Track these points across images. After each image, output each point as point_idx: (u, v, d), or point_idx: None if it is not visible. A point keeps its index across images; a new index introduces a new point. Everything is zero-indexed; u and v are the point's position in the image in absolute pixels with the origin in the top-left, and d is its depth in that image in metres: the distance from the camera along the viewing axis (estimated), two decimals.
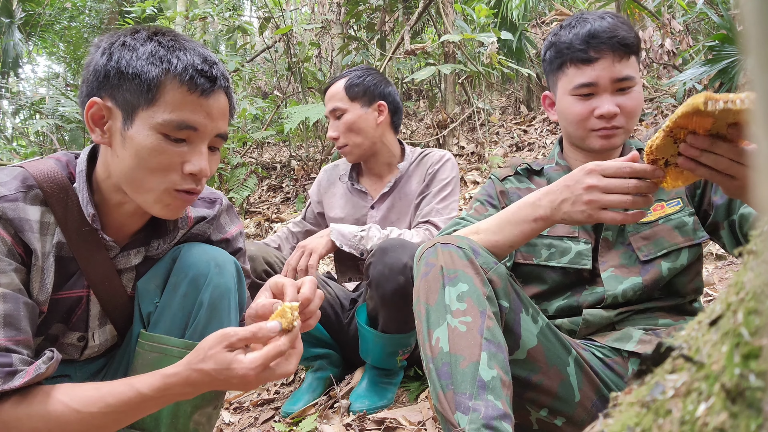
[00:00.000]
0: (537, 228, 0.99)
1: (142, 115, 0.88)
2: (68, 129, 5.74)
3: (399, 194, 1.85)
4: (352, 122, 1.78)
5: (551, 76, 1.24)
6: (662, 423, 0.33)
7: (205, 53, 0.92)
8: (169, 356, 0.97)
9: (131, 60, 0.87)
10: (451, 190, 1.78)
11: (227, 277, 1.04)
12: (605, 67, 1.13)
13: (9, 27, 7.38)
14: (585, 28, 1.14)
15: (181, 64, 0.87)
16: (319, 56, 6.12)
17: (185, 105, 0.88)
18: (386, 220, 1.85)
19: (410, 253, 1.50)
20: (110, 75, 0.88)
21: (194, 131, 0.90)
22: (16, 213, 0.87)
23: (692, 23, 5.47)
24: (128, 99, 0.88)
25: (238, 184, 4.46)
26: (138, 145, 0.88)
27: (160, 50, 0.88)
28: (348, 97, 1.80)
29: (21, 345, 0.84)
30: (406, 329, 1.59)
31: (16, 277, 0.85)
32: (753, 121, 0.23)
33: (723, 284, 2.14)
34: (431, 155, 1.87)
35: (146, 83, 0.86)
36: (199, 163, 0.91)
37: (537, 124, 5.54)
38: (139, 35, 0.90)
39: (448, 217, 1.73)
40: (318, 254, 1.56)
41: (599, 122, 1.14)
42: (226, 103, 0.95)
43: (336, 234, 1.60)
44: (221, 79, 0.92)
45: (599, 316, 1.13)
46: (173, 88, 0.87)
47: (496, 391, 0.83)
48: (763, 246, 0.33)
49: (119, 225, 1.00)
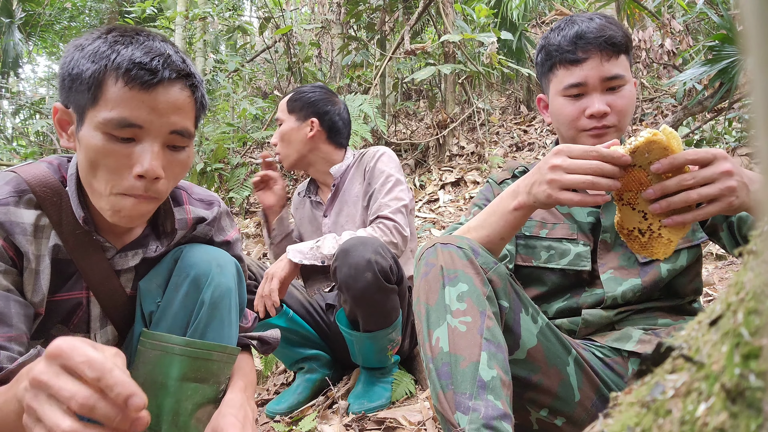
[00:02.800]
0: (519, 216, 0.97)
1: (89, 116, 0.85)
2: None
3: (343, 197, 1.89)
4: (284, 133, 1.87)
5: (543, 79, 1.25)
6: (662, 423, 0.33)
7: (155, 46, 0.86)
8: (171, 354, 0.98)
9: (76, 60, 0.85)
10: (393, 180, 1.79)
11: (228, 277, 1.05)
12: (593, 67, 1.14)
13: (9, 27, 7.38)
14: (573, 30, 1.16)
15: (119, 59, 0.83)
16: (319, 56, 6.12)
17: (125, 101, 0.83)
18: (337, 225, 1.88)
19: (372, 249, 1.51)
20: (65, 79, 0.87)
21: (140, 129, 0.85)
22: (7, 217, 0.87)
23: (692, 23, 5.47)
24: (78, 100, 0.86)
25: (238, 184, 4.46)
26: (86, 147, 0.85)
27: (101, 47, 0.84)
28: (287, 109, 1.89)
29: (13, 342, 0.84)
30: (387, 323, 1.60)
31: (3, 279, 0.86)
32: (753, 121, 0.23)
33: (723, 284, 2.14)
34: (367, 153, 1.91)
35: (87, 82, 0.83)
36: (145, 163, 0.85)
37: (537, 124, 5.55)
38: (92, 35, 0.88)
39: (397, 207, 1.73)
40: (278, 278, 1.58)
41: (590, 122, 1.15)
42: (180, 96, 0.88)
43: (292, 253, 1.63)
44: (166, 71, 0.85)
45: (598, 315, 1.14)
46: (111, 84, 0.83)
47: (496, 391, 0.83)
48: (763, 246, 0.33)
49: (114, 226, 1.00)
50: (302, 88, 1.93)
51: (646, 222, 0.91)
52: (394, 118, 5.60)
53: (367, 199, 1.82)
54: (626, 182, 0.89)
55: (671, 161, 0.86)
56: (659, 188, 0.87)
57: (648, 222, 0.91)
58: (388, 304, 1.56)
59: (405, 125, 6.06)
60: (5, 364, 0.81)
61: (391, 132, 5.48)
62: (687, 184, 0.85)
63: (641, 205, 0.91)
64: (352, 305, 1.55)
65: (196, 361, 0.99)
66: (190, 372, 0.99)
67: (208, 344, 1.00)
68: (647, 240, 0.92)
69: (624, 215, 0.92)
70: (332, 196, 1.90)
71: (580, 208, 1.23)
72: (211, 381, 1.01)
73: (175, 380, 0.98)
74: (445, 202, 3.96)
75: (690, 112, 3.86)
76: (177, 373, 0.98)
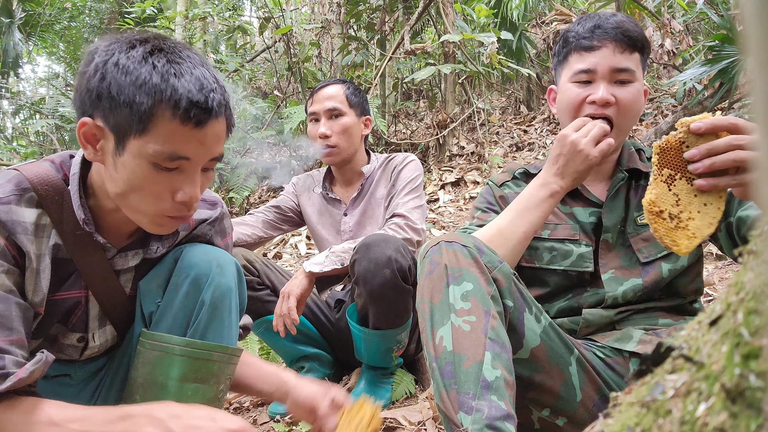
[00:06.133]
0: (553, 204, 1.09)
1: (133, 143, 0.85)
2: (68, 129, 5.74)
3: (369, 199, 1.88)
4: (348, 126, 1.84)
5: (558, 69, 1.25)
6: (662, 423, 0.33)
7: (204, 76, 0.87)
8: (171, 354, 0.98)
9: (123, 85, 0.83)
10: (415, 186, 1.82)
11: (228, 277, 1.05)
12: (605, 56, 1.14)
13: (9, 27, 7.38)
14: (593, 22, 1.17)
15: (176, 95, 0.83)
16: (319, 56, 6.12)
17: (178, 136, 0.85)
18: (360, 225, 1.87)
19: (394, 247, 1.51)
20: (102, 97, 0.84)
21: (187, 161, 0.88)
22: (9, 216, 0.87)
23: (692, 23, 5.47)
24: (120, 124, 0.84)
25: (238, 184, 4.46)
26: (129, 173, 0.86)
27: (153, 77, 0.83)
28: (348, 103, 1.85)
29: (15, 345, 0.83)
30: (398, 324, 1.60)
31: (7, 279, 0.85)
32: (753, 120, 0.23)
33: (723, 284, 2.14)
34: (395, 158, 1.92)
35: (138, 113, 0.83)
36: (190, 192, 0.89)
37: (537, 124, 5.55)
38: (134, 54, 0.85)
39: (412, 206, 1.75)
40: (295, 296, 1.58)
41: (591, 108, 1.14)
42: (222, 128, 0.91)
43: (311, 266, 1.62)
44: (217, 108, 0.87)
45: (599, 315, 1.14)
46: (166, 119, 0.83)
47: (499, 391, 0.83)
48: (763, 246, 0.33)
49: (115, 227, 1.00)
50: (344, 82, 1.91)
51: (677, 208, 0.91)
52: (394, 118, 5.61)
53: (389, 200, 1.84)
54: (671, 158, 0.89)
55: (713, 122, 0.86)
56: (705, 148, 0.87)
57: (679, 209, 0.91)
58: (402, 305, 1.56)
59: (405, 125, 6.06)
60: (11, 368, 0.81)
61: (391, 132, 5.48)
62: (737, 143, 0.85)
63: (677, 188, 0.90)
64: (366, 300, 1.54)
65: (197, 361, 0.99)
66: (190, 372, 0.99)
67: (208, 345, 1.00)
68: (674, 228, 0.91)
69: (659, 192, 0.91)
70: (357, 195, 1.89)
71: (581, 209, 1.23)
72: (211, 382, 1.01)
73: (175, 381, 0.98)
74: (445, 202, 3.96)
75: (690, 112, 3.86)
76: (177, 373, 0.98)
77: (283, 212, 1.99)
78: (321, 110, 1.84)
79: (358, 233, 1.86)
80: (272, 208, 1.99)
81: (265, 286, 1.74)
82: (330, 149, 1.83)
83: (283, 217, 1.99)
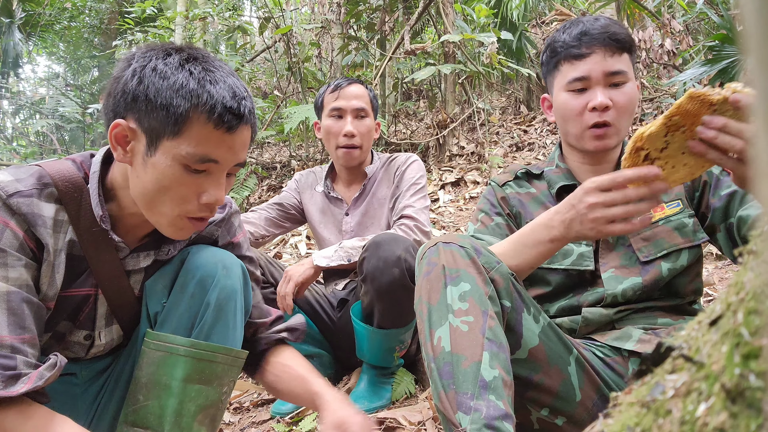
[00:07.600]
0: (553, 248, 1.01)
1: (166, 144, 0.88)
2: (68, 129, 5.75)
3: (372, 199, 1.89)
4: (371, 129, 1.87)
5: (549, 78, 1.26)
6: (662, 423, 0.33)
7: (236, 85, 0.92)
8: (175, 355, 0.98)
9: (161, 89, 0.87)
10: (420, 187, 1.83)
11: (234, 279, 1.05)
12: (597, 61, 1.15)
13: (9, 27, 7.39)
14: (578, 28, 1.18)
15: (211, 100, 0.87)
16: (319, 56, 6.12)
17: (210, 140, 0.89)
18: (361, 226, 1.88)
19: (403, 246, 1.52)
20: (139, 99, 0.88)
21: (215, 164, 0.91)
22: (30, 208, 0.88)
23: (692, 23, 5.47)
24: (154, 126, 0.88)
25: (238, 184, 4.46)
26: (159, 173, 0.89)
27: (190, 82, 0.87)
28: (371, 105, 1.88)
29: (27, 344, 0.84)
30: (402, 323, 1.60)
31: (25, 272, 0.87)
32: (753, 120, 0.23)
33: (723, 284, 2.14)
34: (397, 158, 1.93)
35: (174, 116, 0.86)
36: (216, 195, 0.93)
37: (537, 124, 5.55)
38: (171, 60, 0.89)
39: (420, 207, 1.77)
40: (294, 282, 1.61)
41: (592, 116, 1.15)
42: (248, 135, 0.95)
43: (319, 259, 1.64)
44: (248, 115, 0.92)
45: (598, 314, 1.14)
46: (200, 123, 0.88)
47: (497, 391, 0.83)
48: (763, 246, 0.33)
49: (131, 228, 1.01)
50: (361, 83, 1.93)
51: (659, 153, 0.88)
52: (394, 118, 5.61)
53: (393, 201, 1.84)
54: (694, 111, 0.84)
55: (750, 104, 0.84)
56: (722, 123, 0.83)
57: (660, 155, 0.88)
58: (408, 304, 1.56)
59: (405, 125, 6.07)
60: (23, 369, 0.82)
61: (391, 132, 5.48)
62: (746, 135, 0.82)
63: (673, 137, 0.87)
64: (373, 298, 1.55)
65: (201, 362, 0.99)
66: (194, 373, 0.99)
67: (213, 346, 1.00)
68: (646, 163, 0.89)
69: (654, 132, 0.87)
70: (359, 195, 1.90)
71: None
72: (215, 383, 1.02)
73: (178, 381, 0.98)
74: (445, 202, 3.96)
75: None
76: (181, 374, 0.98)
77: (286, 209, 1.99)
78: (348, 108, 1.84)
79: (359, 233, 1.86)
80: (275, 206, 1.99)
81: (270, 283, 1.74)
82: (353, 149, 1.84)
83: (286, 214, 1.99)
